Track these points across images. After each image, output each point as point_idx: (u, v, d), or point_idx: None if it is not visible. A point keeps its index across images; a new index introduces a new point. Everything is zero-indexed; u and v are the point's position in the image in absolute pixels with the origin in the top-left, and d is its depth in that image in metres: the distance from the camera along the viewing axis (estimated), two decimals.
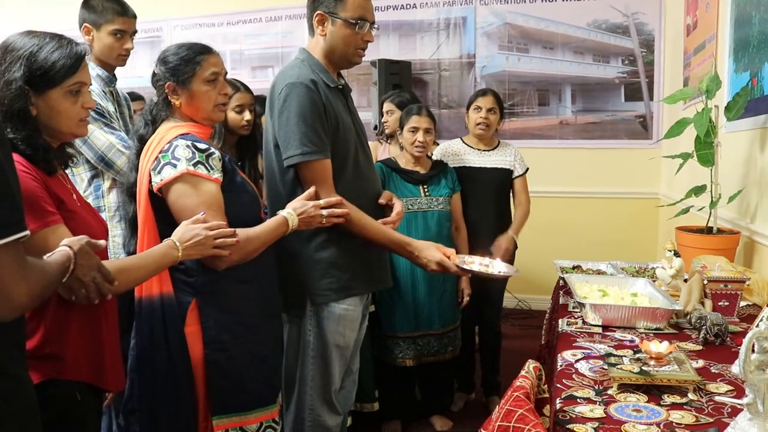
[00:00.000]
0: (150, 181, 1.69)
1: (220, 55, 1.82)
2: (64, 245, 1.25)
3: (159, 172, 1.66)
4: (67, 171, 1.62)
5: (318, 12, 2.00)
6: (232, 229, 1.63)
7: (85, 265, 1.27)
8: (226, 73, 1.84)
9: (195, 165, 1.65)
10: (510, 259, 2.94)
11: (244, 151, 2.73)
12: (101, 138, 2.26)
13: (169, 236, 1.58)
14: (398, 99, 3.39)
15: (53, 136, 1.48)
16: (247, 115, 2.65)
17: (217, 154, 1.71)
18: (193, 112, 1.78)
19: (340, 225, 1.94)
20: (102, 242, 1.34)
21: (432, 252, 2.01)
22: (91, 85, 1.52)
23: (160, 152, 1.67)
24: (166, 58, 1.77)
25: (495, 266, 2.12)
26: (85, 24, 2.39)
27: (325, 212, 1.88)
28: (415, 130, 2.85)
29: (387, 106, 3.44)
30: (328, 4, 1.98)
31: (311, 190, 1.90)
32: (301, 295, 2.02)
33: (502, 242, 2.94)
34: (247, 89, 2.71)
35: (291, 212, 1.83)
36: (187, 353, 1.67)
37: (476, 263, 2.10)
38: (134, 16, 2.46)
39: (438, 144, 3.24)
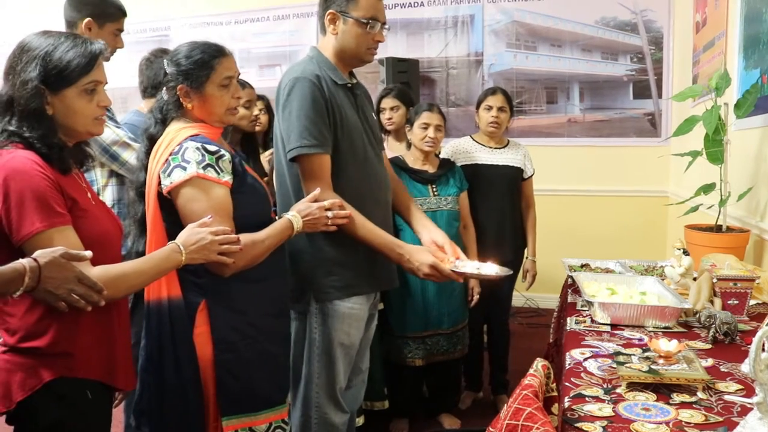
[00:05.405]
0: (159, 183, 1.67)
1: (233, 56, 1.79)
2: (30, 258, 1.22)
3: (169, 175, 1.65)
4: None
5: (330, 11, 2.01)
6: (237, 236, 1.61)
7: (56, 277, 1.24)
8: (239, 74, 1.82)
9: (205, 168, 1.64)
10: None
11: (248, 147, 2.80)
12: (107, 131, 2.24)
13: None
14: (398, 92, 3.23)
15: (69, 135, 1.49)
16: (255, 110, 2.72)
17: (228, 156, 1.69)
18: (206, 115, 1.76)
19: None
20: (87, 253, 1.30)
21: (424, 255, 1.94)
22: (107, 83, 1.52)
23: (170, 154, 1.66)
24: (179, 60, 1.73)
25: (488, 269, 2.03)
26: (89, 19, 2.32)
27: (330, 213, 1.87)
28: (426, 126, 2.85)
29: (390, 102, 3.21)
30: (340, 3, 1.99)
31: (315, 192, 1.88)
32: (306, 291, 2.02)
33: (530, 273, 3.20)
34: (251, 88, 2.83)
35: (295, 214, 1.82)
36: (195, 355, 1.67)
37: (468, 266, 2.00)
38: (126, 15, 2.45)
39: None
